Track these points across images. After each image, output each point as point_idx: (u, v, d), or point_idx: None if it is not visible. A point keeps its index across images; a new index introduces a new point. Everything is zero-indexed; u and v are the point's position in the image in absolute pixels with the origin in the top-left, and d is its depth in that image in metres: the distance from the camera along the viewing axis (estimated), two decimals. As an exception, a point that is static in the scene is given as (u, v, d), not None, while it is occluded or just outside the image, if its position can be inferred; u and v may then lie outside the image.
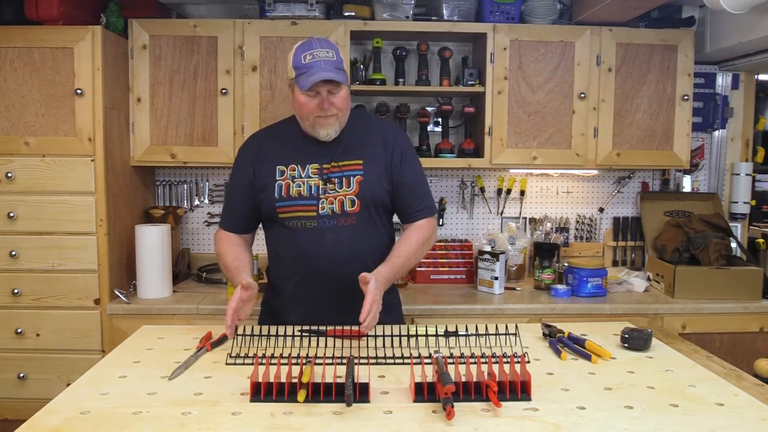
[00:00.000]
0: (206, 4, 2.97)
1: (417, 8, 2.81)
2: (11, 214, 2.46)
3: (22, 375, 2.51)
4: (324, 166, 1.88)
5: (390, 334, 1.72)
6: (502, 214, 3.18)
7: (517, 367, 1.39)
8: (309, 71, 1.77)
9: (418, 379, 1.36)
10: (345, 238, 1.86)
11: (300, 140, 1.91)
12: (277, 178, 1.88)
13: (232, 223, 1.99)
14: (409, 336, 1.72)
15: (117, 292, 2.53)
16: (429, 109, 3.03)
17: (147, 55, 2.69)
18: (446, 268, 2.93)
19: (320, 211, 1.85)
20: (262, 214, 1.94)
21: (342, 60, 1.84)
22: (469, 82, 2.82)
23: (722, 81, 3.18)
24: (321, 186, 1.86)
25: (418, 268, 2.92)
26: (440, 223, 3.15)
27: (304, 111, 1.84)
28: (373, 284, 1.69)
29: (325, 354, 1.59)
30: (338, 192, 1.86)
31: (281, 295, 1.95)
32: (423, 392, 1.33)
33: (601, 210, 3.21)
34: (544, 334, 1.79)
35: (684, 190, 3.21)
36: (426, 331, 1.75)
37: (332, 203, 1.86)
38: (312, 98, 1.81)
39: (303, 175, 1.88)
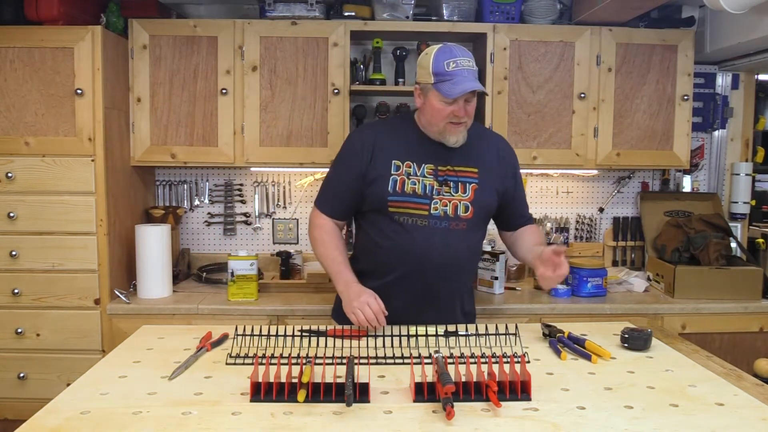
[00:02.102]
0: (206, 4, 2.97)
1: (417, 8, 2.81)
2: (11, 214, 2.46)
3: (22, 375, 2.51)
4: (439, 168, 1.90)
5: (390, 334, 1.73)
6: (502, 214, 3.18)
7: (517, 367, 1.39)
8: (454, 79, 1.79)
9: (418, 379, 1.36)
10: (454, 241, 1.89)
11: (417, 139, 1.93)
12: (393, 172, 1.89)
13: (334, 210, 2.00)
14: (409, 336, 1.72)
15: (117, 292, 2.53)
16: (429, 109, 3.02)
17: (147, 55, 2.69)
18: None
19: (432, 212, 1.87)
20: (368, 205, 1.94)
21: (478, 70, 1.88)
22: (469, 82, 2.81)
23: (722, 81, 3.18)
24: (435, 187, 1.88)
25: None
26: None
27: (437, 117, 1.85)
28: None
29: (325, 354, 1.59)
30: (453, 196, 1.89)
31: (373, 286, 1.92)
32: (423, 392, 1.33)
33: (601, 210, 3.21)
34: (544, 334, 1.79)
35: (684, 190, 3.20)
36: (426, 331, 1.75)
37: (446, 205, 1.88)
38: (448, 105, 1.82)
39: (418, 174, 1.90)
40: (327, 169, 2.08)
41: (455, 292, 1.97)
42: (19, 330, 2.49)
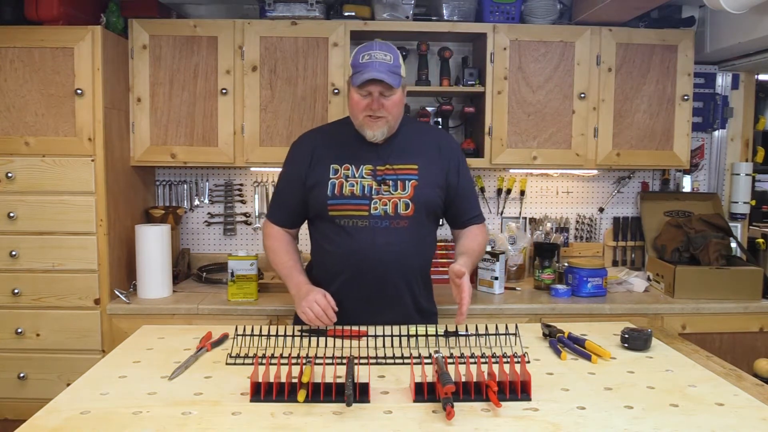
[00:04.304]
0: (206, 4, 2.97)
1: (417, 8, 2.81)
2: (11, 214, 2.46)
3: (22, 375, 2.51)
4: (378, 168, 1.91)
5: (390, 334, 1.72)
6: (502, 214, 3.18)
7: (517, 367, 1.39)
8: (363, 71, 1.81)
9: (418, 379, 1.36)
10: (396, 239, 1.88)
11: (355, 141, 1.94)
12: (331, 176, 1.91)
13: (282, 218, 2.04)
14: (409, 336, 1.72)
15: (117, 292, 2.53)
16: (429, 109, 3.03)
17: (147, 55, 2.69)
18: (446, 268, 2.92)
19: (372, 212, 1.88)
20: (311, 210, 1.97)
21: (400, 65, 1.88)
22: (469, 82, 2.82)
23: (722, 81, 3.18)
24: (374, 187, 1.89)
25: (418, 268, 2.92)
26: (441, 222, 3.14)
27: (355, 110, 1.88)
28: (467, 278, 1.77)
29: (325, 354, 1.59)
30: (392, 194, 1.89)
31: (327, 290, 1.93)
32: (423, 392, 1.33)
33: (601, 210, 3.21)
34: (544, 334, 1.79)
35: (684, 190, 3.21)
36: (426, 331, 1.75)
37: (386, 204, 1.88)
38: (364, 98, 1.85)
39: (357, 175, 1.90)
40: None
41: (405, 290, 1.94)
42: (19, 330, 2.49)
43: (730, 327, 2.61)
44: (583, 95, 2.79)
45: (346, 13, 2.75)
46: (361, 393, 1.33)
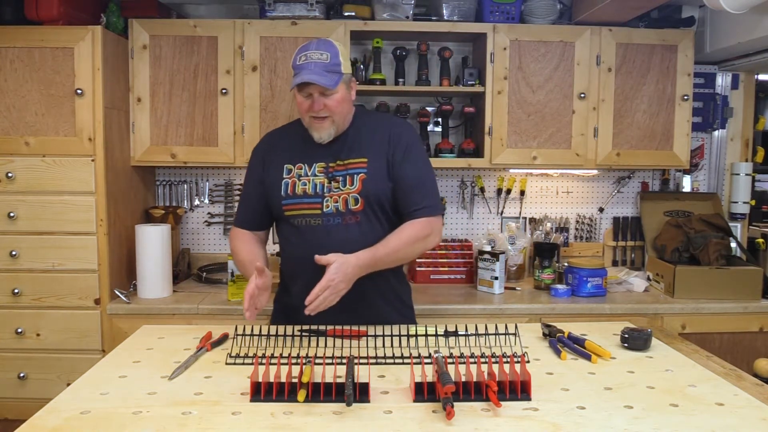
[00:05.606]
0: (206, 4, 2.97)
1: (417, 8, 2.81)
2: (11, 214, 2.46)
3: (22, 375, 2.51)
4: (330, 164, 1.89)
5: (390, 334, 1.73)
6: (502, 214, 3.18)
7: (517, 367, 1.39)
8: (299, 73, 1.78)
9: (418, 379, 1.36)
10: (351, 236, 1.84)
11: (308, 140, 1.91)
12: (284, 176, 1.90)
13: (245, 221, 2.02)
14: (409, 336, 1.72)
15: (117, 292, 2.53)
16: (429, 109, 3.03)
17: (147, 55, 2.69)
18: (446, 268, 2.94)
19: (324, 209, 1.85)
20: (273, 212, 1.96)
21: (339, 63, 1.81)
22: (469, 82, 2.82)
23: (722, 81, 3.18)
24: (326, 184, 1.86)
25: (417, 268, 2.92)
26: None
27: (301, 112, 1.88)
28: (335, 267, 1.67)
29: (325, 354, 1.59)
30: (342, 190, 1.86)
31: (291, 293, 1.95)
32: (423, 392, 1.33)
33: (601, 210, 3.21)
34: (544, 334, 1.79)
35: (684, 190, 3.21)
36: (426, 331, 1.75)
37: (337, 201, 1.85)
38: (306, 99, 1.83)
39: (309, 174, 1.89)
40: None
41: (369, 288, 1.84)
42: (19, 330, 2.49)
43: (730, 327, 2.61)
44: (583, 95, 2.79)
45: (346, 13, 2.75)
46: (361, 393, 1.33)
